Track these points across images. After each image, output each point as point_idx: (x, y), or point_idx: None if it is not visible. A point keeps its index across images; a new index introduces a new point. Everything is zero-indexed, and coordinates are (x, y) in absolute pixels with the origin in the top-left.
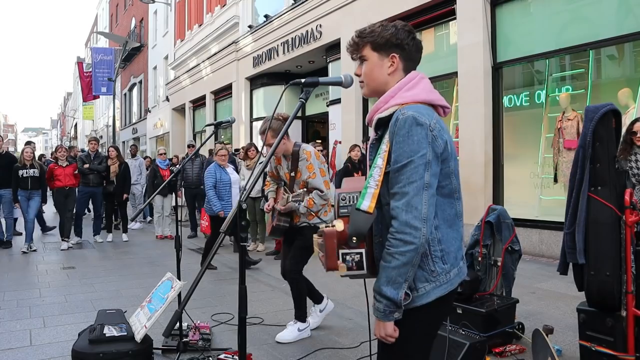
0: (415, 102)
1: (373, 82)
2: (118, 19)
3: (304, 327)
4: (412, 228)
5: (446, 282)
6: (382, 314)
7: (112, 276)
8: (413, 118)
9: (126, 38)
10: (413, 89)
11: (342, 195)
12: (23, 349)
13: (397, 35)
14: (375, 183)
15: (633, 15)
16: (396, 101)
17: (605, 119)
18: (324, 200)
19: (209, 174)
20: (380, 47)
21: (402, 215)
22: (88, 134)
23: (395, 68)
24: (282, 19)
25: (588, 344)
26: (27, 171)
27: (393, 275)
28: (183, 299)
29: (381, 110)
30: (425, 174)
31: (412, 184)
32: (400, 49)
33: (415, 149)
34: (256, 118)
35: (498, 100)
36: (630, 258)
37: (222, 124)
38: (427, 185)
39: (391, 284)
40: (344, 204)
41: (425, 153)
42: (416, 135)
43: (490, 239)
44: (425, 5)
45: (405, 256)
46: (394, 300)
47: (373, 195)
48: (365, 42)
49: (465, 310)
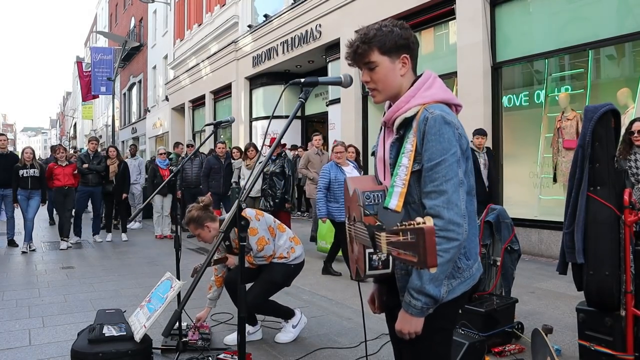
0: (435, 102)
1: (389, 87)
2: (117, 18)
3: (297, 321)
4: (455, 225)
5: (469, 277)
6: (419, 311)
7: (111, 276)
8: (442, 117)
9: (125, 38)
10: (431, 89)
11: (367, 194)
12: (22, 348)
13: (403, 35)
14: (402, 182)
15: (632, 15)
16: (417, 101)
17: (604, 118)
18: (261, 257)
19: (322, 174)
20: (390, 50)
21: (445, 213)
22: (87, 133)
23: (407, 69)
24: (281, 18)
25: (587, 344)
26: (27, 171)
27: (437, 272)
28: (182, 298)
29: (404, 110)
30: (459, 171)
31: (449, 181)
32: (409, 50)
33: (447, 147)
34: (255, 118)
35: (497, 100)
36: (629, 258)
37: (222, 124)
38: (461, 182)
39: (434, 281)
40: (369, 203)
41: (455, 151)
42: (446, 134)
43: (490, 239)
44: (424, 5)
45: (450, 253)
46: (436, 298)
47: (401, 194)
48: (372, 47)
49: (464, 310)
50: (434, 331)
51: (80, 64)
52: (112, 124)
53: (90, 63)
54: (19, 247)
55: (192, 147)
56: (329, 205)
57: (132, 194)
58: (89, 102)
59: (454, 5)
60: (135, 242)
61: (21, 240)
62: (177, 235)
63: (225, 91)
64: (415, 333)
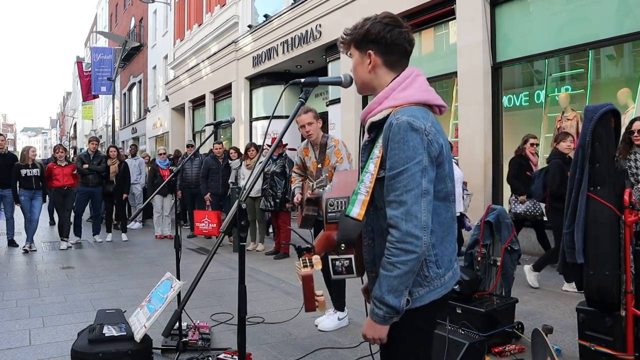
0: (409, 104)
1: (358, 79)
2: (117, 18)
3: (343, 316)
4: (413, 237)
5: (440, 285)
6: (381, 319)
7: (111, 276)
8: (408, 123)
9: (126, 38)
10: (407, 89)
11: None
12: (22, 348)
13: (371, 29)
14: (366, 189)
15: (632, 15)
16: (389, 103)
17: (604, 118)
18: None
19: None
20: (359, 44)
21: (402, 225)
22: (87, 133)
23: (373, 65)
24: (281, 18)
25: (587, 344)
26: (30, 170)
27: (395, 284)
28: (182, 298)
29: (374, 113)
30: (423, 181)
31: (409, 192)
32: (376, 44)
33: (410, 155)
34: (256, 118)
35: (497, 100)
36: (629, 258)
37: (222, 124)
38: (424, 192)
39: (393, 292)
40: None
41: (421, 159)
42: (411, 141)
43: (490, 239)
44: (425, 5)
45: (407, 265)
46: (395, 308)
47: (363, 202)
48: (350, 40)
49: (464, 310)
50: (410, 333)
51: (80, 64)
52: (112, 124)
53: (91, 63)
54: (19, 247)
55: (191, 148)
56: None
57: (132, 194)
58: (89, 102)
59: (454, 5)
60: (135, 242)
61: (22, 240)
62: (177, 235)
63: (226, 91)
64: (379, 339)
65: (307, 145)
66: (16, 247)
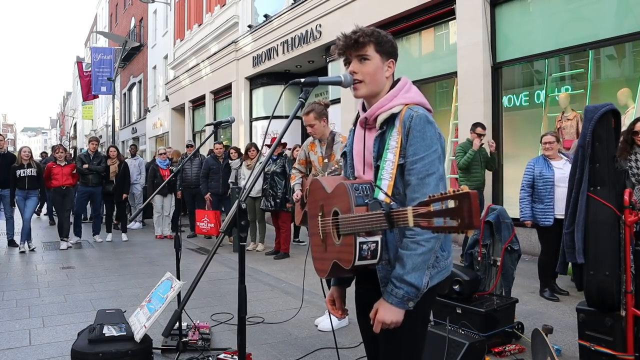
0: (415, 103)
1: (375, 83)
2: (117, 18)
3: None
4: None
5: (444, 267)
6: (399, 301)
7: (111, 276)
8: (425, 116)
9: (126, 38)
10: (410, 92)
11: (356, 186)
12: (22, 348)
13: (394, 44)
14: (389, 175)
15: (632, 15)
16: (400, 100)
17: (604, 118)
18: None
19: (527, 170)
20: (383, 50)
21: None
22: (87, 133)
23: (390, 73)
24: (281, 18)
25: (587, 344)
26: (24, 171)
27: (419, 261)
28: (183, 298)
29: (387, 107)
30: (440, 167)
31: (431, 175)
32: (395, 57)
33: (429, 144)
34: (256, 118)
35: (497, 100)
36: (629, 258)
37: (222, 124)
38: (442, 177)
39: (416, 270)
40: (359, 194)
41: (437, 148)
42: (429, 132)
43: (490, 239)
44: (424, 5)
45: (430, 242)
46: (417, 287)
47: (389, 187)
48: (369, 42)
49: (464, 310)
50: (416, 320)
51: (80, 64)
52: (112, 124)
53: (91, 63)
54: (19, 247)
55: (191, 148)
56: (533, 206)
57: (132, 194)
58: (89, 102)
59: (454, 5)
60: (135, 242)
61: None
62: (177, 235)
63: (226, 91)
64: (395, 323)
65: (314, 140)
66: (16, 247)
